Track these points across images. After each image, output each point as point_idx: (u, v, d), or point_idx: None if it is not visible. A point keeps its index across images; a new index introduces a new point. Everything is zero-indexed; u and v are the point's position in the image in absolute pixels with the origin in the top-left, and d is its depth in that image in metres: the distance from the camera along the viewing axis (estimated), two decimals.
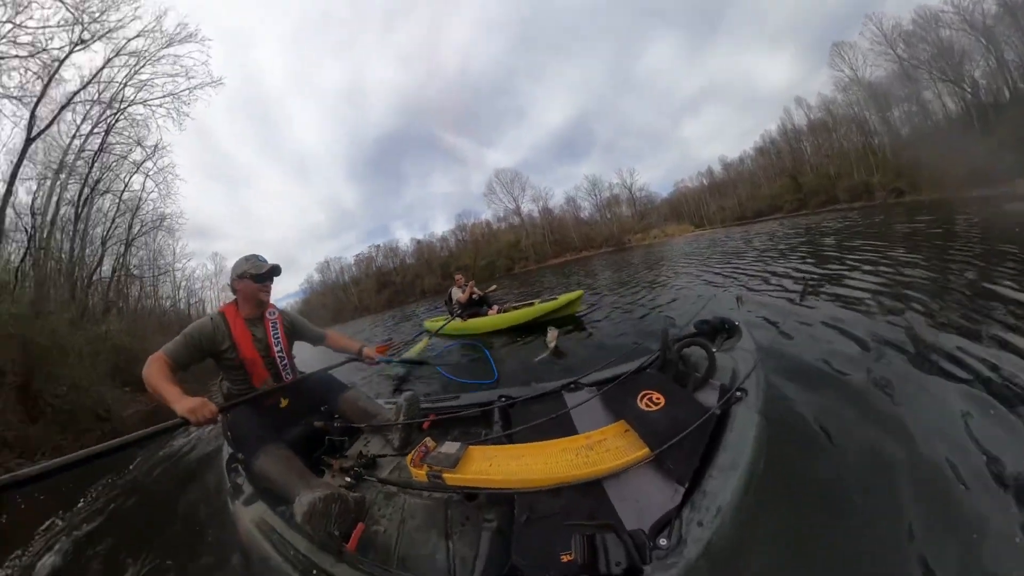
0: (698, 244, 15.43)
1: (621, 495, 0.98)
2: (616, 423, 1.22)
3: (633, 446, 1.07)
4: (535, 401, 1.68)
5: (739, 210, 52.27)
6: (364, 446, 1.80)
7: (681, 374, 1.33)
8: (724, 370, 1.27)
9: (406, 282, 50.53)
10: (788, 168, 47.81)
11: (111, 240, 15.76)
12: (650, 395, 1.23)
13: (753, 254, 7.50)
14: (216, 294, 31.05)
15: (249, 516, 1.39)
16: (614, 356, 2.08)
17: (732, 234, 18.37)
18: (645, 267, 10.15)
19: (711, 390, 1.21)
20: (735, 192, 54.92)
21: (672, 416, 1.10)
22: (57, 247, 13.06)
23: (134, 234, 17.18)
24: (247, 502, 1.47)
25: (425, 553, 1.17)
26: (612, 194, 55.69)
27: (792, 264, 5.33)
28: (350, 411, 1.77)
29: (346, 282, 54.63)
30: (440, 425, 1.80)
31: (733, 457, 0.91)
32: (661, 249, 19.09)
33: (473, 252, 51.65)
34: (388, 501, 1.42)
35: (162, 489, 3.12)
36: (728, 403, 1.08)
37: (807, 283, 3.80)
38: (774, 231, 13.38)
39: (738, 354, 1.32)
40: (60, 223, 13.16)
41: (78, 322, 10.41)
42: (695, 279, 6.03)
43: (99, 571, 1.98)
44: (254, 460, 1.43)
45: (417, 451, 1.29)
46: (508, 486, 1.10)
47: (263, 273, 1.67)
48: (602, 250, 46.52)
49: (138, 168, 15.55)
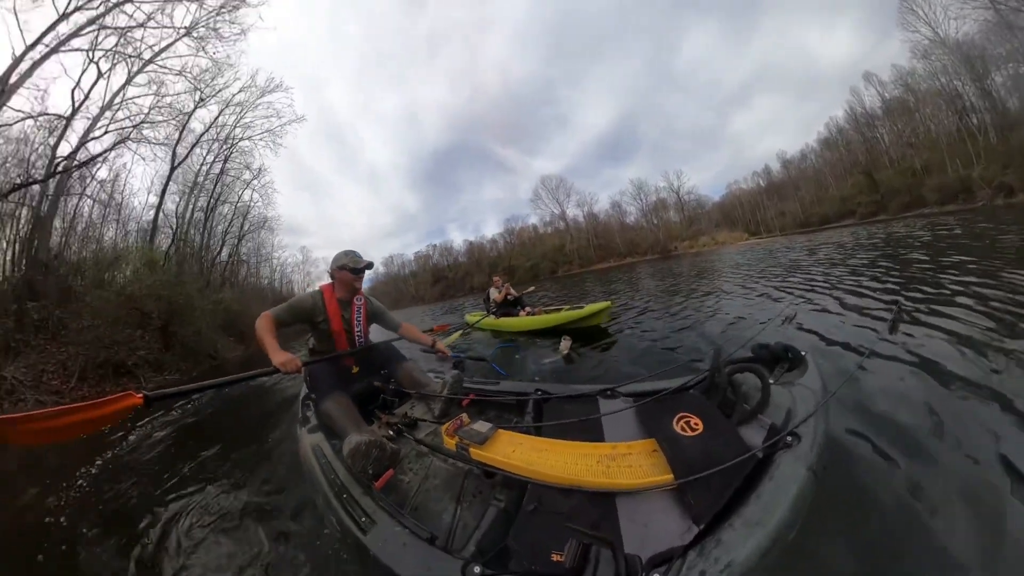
0: (753, 254, 13.87)
1: (630, 515, 0.95)
2: (646, 440, 1.16)
3: (657, 468, 1.02)
4: (569, 401, 1.68)
5: (802, 216, 46.05)
6: (410, 409, 2.04)
7: (727, 402, 1.19)
8: (778, 407, 1.11)
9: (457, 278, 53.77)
10: (861, 163, 39.46)
11: (228, 235, 22.53)
12: (688, 419, 1.14)
13: (819, 268, 6.39)
14: (302, 278, 41.89)
15: (308, 441, 1.73)
16: (651, 371, 1.96)
17: (794, 243, 16.22)
18: (692, 277, 9.35)
19: (758, 427, 1.08)
20: (797, 194, 47.98)
21: (707, 447, 1.01)
22: (191, 240, 19.10)
23: (244, 231, 24.22)
24: (310, 431, 1.82)
25: (435, 510, 1.28)
26: (659, 198, 53.90)
27: (871, 283, 4.28)
28: (404, 378, 2.06)
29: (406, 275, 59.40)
30: (477, 405, 1.94)
31: (763, 512, 0.79)
32: (710, 259, 17.45)
33: (520, 254, 53.58)
34: (418, 459, 1.59)
35: (253, 409, 4.21)
36: (774, 447, 0.94)
37: (899, 310, 2.92)
38: (844, 241, 11.42)
39: (799, 391, 1.13)
40: (193, 223, 19.49)
41: (203, 290, 15.40)
42: (747, 295, 5.31)
43: (195, 458, 2.79)
44: (322, 402, 1.76)
45: (453, 423, 1.40)
46: (524, 474, 1.13)
47: (359, 268, 2.00)
48: (647, 257, 45.00)
49: (247, 185, 22.57)
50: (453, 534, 1.13)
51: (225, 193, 21.33)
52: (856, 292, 3.98)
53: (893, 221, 21.33)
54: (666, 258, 35.42)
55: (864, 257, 6.79)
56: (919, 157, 30.97)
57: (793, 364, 1.27)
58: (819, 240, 14.73)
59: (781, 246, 15.98)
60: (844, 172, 41.02)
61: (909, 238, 8.98)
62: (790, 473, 0.85)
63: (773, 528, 0.75)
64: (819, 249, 10.19)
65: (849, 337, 2.66)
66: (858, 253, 7.56)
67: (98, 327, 9.02)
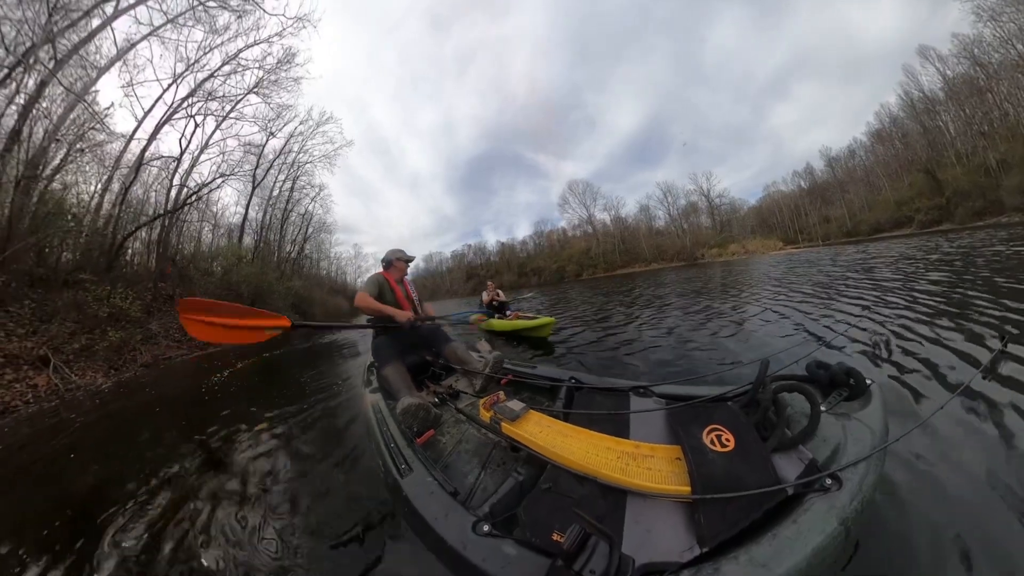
0: (788, 265, 12.15)
1: (637, 516, 0.93)
2: (671, 446, 1.12)
3: (676, 478, 0.98)
4: (600, 393, 1.69)
5: (849, 223, 39.37)
6: (455, 381, 2.37)
7: (767, 422, 1.10)
8: (825, 440, 0.98)
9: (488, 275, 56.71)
10: (920, 159, 32.00)
11: (297, 236, 29.85)
12: (720, 432, 1.06)
13: (890, 282, 5.25)
14: (353, 270, 51.81)
15: (370, 400, 2.05)
16: (690, 374, 2.24)
17: (840, 254, 13.81)
18: (720, 289, 8.12)
19: (796, 459, 0.96)
20: (843, 198, 40.91)
21: (734, 468, 0.94)
22: (270, 241, 25.59)
23: (308, 234, 31.80)
24: (371, 391, 2.18)
25: (462, 471, 1.45)
26: (689, 202, 51.23)
27: (966, 311, 3.22)
28: (451, 355, 2.39)
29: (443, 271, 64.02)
30: (514, 385, 2.16)
31: (775, 555, 0.70)
32: (739, 269, 15.56)
33: (547, 256, 54.60)
34: (455, 425, 1.81)
35: (332, 370, 5.13)
36: (809, 486, 0.83)
37: (1003, 344, 1.72)
38: (903, 254, 9.56)
39: (854, 426, 0.97)
40: (272, 228, 25.97)
41: (279, 279, 21.35)
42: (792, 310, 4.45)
43: (290, 401, 3.49)
44: (383, 368, 2.16)
45: (490, 398, 1.55)
46: (546, 454, 1.20)
47: (409, 259, 2.65)
48: (672, 264, 42.39)
49: (312, 199, 29.56)
50: (473, 493, 1.22)
51: (293, 204, 27.89)
52: (942, 321, 3.00)
53: (962, 232, 17.67)
54: (692, 266, 32.90)
55: (941, 274, 5.38)
56: (994, 150, 24.37)
57: (854, 393, 1.11)
58: (871, 252, 12.05)
59: (819, 256, 14.37)
60: (900, 171, 34.35)
61: (985, 250, 7.17)
62: (819, 521, 0.75)
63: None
64: (872, 262, 8.57)
65: (933, 374, 2.11)
66: (925, 270, 6.03)
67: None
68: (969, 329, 2.77)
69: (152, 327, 10.83)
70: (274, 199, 25.51)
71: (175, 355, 10.09)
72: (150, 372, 8.38)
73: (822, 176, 45.18)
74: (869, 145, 39.30)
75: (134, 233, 13.69)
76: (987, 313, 3.13)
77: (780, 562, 0.69)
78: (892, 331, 3.00)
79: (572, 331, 5.64)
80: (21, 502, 2.42)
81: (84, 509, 2.06)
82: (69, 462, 3.11)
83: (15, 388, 6.28)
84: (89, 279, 10.25)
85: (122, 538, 1.71)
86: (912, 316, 3.39)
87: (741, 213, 51.40)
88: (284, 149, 24.02)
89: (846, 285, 5.77)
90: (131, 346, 9.27)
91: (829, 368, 1.18)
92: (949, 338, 2.67)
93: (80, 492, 2.38)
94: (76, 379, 7.20)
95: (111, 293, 9.95)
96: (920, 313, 3.46)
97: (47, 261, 10.36)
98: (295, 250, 29.49)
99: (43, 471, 3.05)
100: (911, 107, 33.49)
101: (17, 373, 6.64)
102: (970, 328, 2.79)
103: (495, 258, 61.16)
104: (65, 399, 6.29)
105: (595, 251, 51.94)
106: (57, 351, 7.54)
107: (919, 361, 2.32)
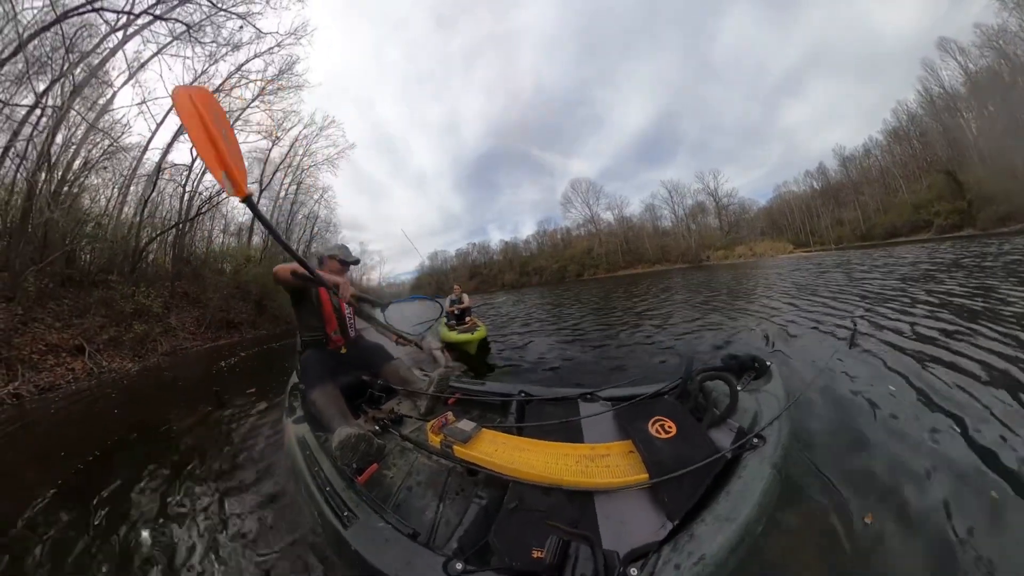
0: (798, 269, 11.67)
1: (608, 512, 0.98)
2: (623, 442, 1.22)
3: (634, 468, 1.07)
4: (551, 403, 1.71)
5: (863, 226, 37.04)
6: (396, 405, 2.09)
7: (699, 407, 1.29)
8: (745, 411, 1.22)
9: (491, 274, 57.53)
10: (940, 159, 30.05)
11: (303, 235, 30.86)
12: (663, 422, 1.20)
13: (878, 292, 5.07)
14: (359, 267, 48.48)
15: (294, 432, 1.73)
16: (629, 377, 2.36)
17: (851, 259, 13.28)
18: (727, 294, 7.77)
19: (727, 430, 1.16)
20: (857, 199, 38.39)
21: (680, 449, 1.08)
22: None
23: (314, 234, 32.91)
24: (296, 421, 1.86)
25: (418, 506, 1.27)
26: (696, 201, 49.11)
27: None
28: (391, 375, 2.10)
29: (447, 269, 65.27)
30: (463, 404, 1.98)
31: (733, 507, 0.86)
32: (746, 271, 15.35)
33: (549, 256, 54.02)
34: (402, 455, 1.58)
35: (240, 394, 4.07)
36: (742, 448, 1.03)
37: (854, 325, 3.42)
38: (917, 259, 9.33)
39: (764, 397, 1.25)
40: (280, 228, 25.19)
41: None
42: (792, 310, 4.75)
43: (170, 440, 2.96)
44: (311, 391, 1.71)
45: (438, 420, 1.41)
46: (506, 472, 1.15)
47: (348, 261, 2.12)
48: (676, 265, 40.98)
49: (316, 201, 30.60)
50: (435, 530, 1.13)
51: (298, 206, 29.50)
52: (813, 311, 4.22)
53: (985, 238, 16.34)
54: (696, 267, 32.43)
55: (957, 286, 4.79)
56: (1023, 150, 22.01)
57: (759, 373, 1.41)
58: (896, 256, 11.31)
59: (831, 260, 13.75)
60: (918, 171, 32.26)
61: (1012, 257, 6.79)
62: (756, 472, 0.94)
63: (742, 523, 0.81)
64: (890, 265, 8.43)
65: (814, 351, 3.06)
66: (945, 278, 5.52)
67: (217, 298, 14.20)
68: (832, 317, 3.98)
69: (171, 321, 12.04)
70: (280, 200, 26.94)
71: (191, 346, 11.38)
72: (170, 359, 9.57)
73: (835, 176, 42.80)
74: (885, 144, 37.25)
75: (154, 240, 15.02)
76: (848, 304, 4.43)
77: (738, 511, 0.83)
78: (781, 324, 4.07)
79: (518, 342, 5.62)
80: (94, 431, 3.86)
81: (133, 435, 3.38)
82: (112, 417, 4.41)
83: (57, 371, 7.43)
84: (116, 280, 11.49)
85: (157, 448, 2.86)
86: (796, 311, 4.60)
87: (750, 214, 49.23)
88: (288, 153, 25.59)
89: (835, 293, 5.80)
90: (152, 337, 10.44)
91: (738, 357, 1.48)
92: (823, 321, 3.90)
93: (128, 428, 3.70)
94: (107, 364, 8.36)
95: (135, 292, 11.13)
96: (804, 308, 4.70)
97: (77, 264, 11.60)
98: (300, 248, 30.17)
99: (98, 417, 4.44)
100: (930, 104, 31.45)
101: (57, 359, 7.79)
102: (832, 317, 4.03)
103: (498, 257, 61.89)
104: (100, 379, 7.44)
105: (597, 251, 50.99)
106: (90, 341, 8.70)
107: (802, 343, 3.33)
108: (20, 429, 4.35)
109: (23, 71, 10.05)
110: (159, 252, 16.58)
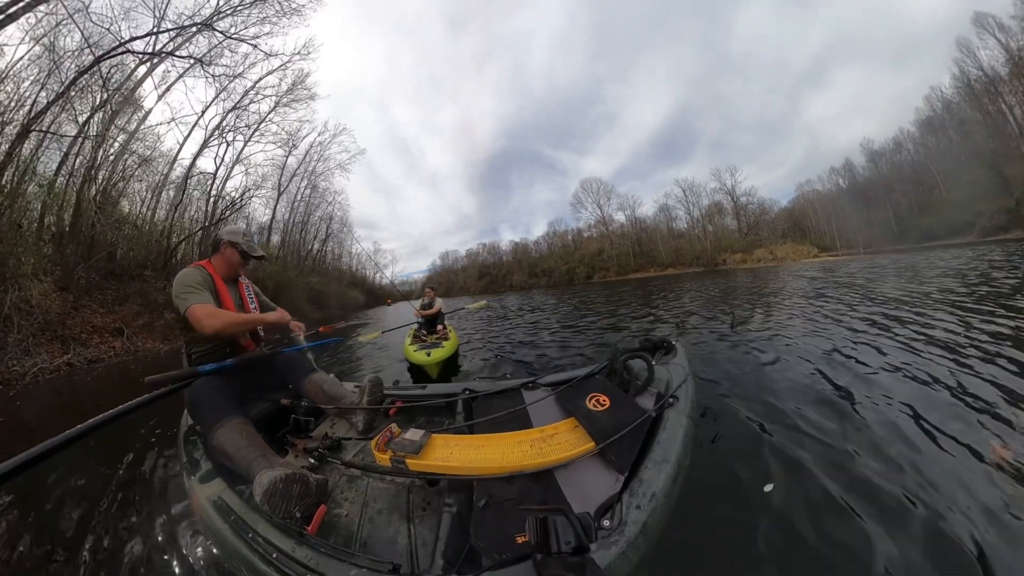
0: (825, 280, 9.04)
1: (569, 483, 1.08)
2: (567, 419, 1.36)
3: (581, 440, 1.20)
4: (496, 396, 1.77)
5: (895, 227, 33.14)
6: (330, 428, 1.76)
7: (625, 381, 1.54)
8: (660, 380, 1.49)
9: (499, 275, 58.02)
10: (982, 152, 26.20)
11: (318, 235, 34.46)
12: (597, 397, 1.40)
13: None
14: (372, 266, 51.66)
15: (205, 494, 1.25)
16: (565, 365, 2.95)
17: (883, 266, 11.16)
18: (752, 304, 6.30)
19: (649, 396, 1.41)
20: (888, 198, 34.42)
21: (615, 416, 1.27)
22: (293, 240, 30.20)
23: (329, 233, 36.34)
24: (204, 479, 1.33)
25: (387, 536, 1.14)
26: (713, 201, 46.57)
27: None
28: (315, 393, 1.70)
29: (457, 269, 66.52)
30: (405, 412, 1.86)
31: (665, 452, 1.07)
32: (767, 278, 12.94)
33: (559, 257, 53.36)
34: (351, 484, 1.35)
35: (112, 461, 2.40)
36: (662, 407, 1.27)
37: (731, 311, 5.27)
38: (953, 267, 8.06)
39: (673, 368, 1.55)
40: (296, 228, 30.68)
41: (298, 275, 25.24)
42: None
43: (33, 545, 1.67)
44: (213, 433, 1.30)
45: (382, 436, 1.28)
46: (468, 473, 1.15)
47: (251, 255, 1.73)
48: (690, 269, 38.80)
49: (330, 204, 34.19)
50: (415, 556, 1.05)
51: (313, 208, 32.73)
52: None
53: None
54: (712, 272, 29.81)
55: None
56: None
57: (668, 350, 1.78)
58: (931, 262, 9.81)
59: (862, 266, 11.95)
60: (957, 167, 27.78)
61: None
62: (676, 423, 1.19)
63: (674, 461, 1.03)
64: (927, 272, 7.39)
65: (709, 330, 4.21)
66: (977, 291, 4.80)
67: None
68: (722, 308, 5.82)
69: None
70: (297, 203, 29.54)
71: None
72: None
73: (863, 173, 38.62)
74: (918, 136, 33.07)
75: (183, 241, 16.79)
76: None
77: (670, 453, 1.07)
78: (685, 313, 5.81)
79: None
80: (127, 390, 5.12)
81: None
82: (142, 385, 6.33)
83: (101, 347, 8.93)
84: (150, 274, 13.14)
85: None
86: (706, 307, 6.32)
87: (771, 215, 46.00)
88: (304, 159, 28.13)
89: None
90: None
91: (652, 339, 1.84)
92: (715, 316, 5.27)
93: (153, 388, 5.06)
94: (141, 344, 9.84)
95: (167, 285, 12.71)
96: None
97: (118, 261, 13.29)
98: (316, 246, 33.66)
99: (132, 381, 6.17)
100: (967, 88, 27.35)
101: (101, 338, 9.31)
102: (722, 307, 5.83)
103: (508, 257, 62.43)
104: (136, 356, 8.94)
105: (608, 253, 49.91)
106: (128, 325, 10.23)
107: (701, 327, 4.50)
108: (70, 388, 5.64)
109: (66, 106, 11.91)
110: (187, 250, 18.38)
